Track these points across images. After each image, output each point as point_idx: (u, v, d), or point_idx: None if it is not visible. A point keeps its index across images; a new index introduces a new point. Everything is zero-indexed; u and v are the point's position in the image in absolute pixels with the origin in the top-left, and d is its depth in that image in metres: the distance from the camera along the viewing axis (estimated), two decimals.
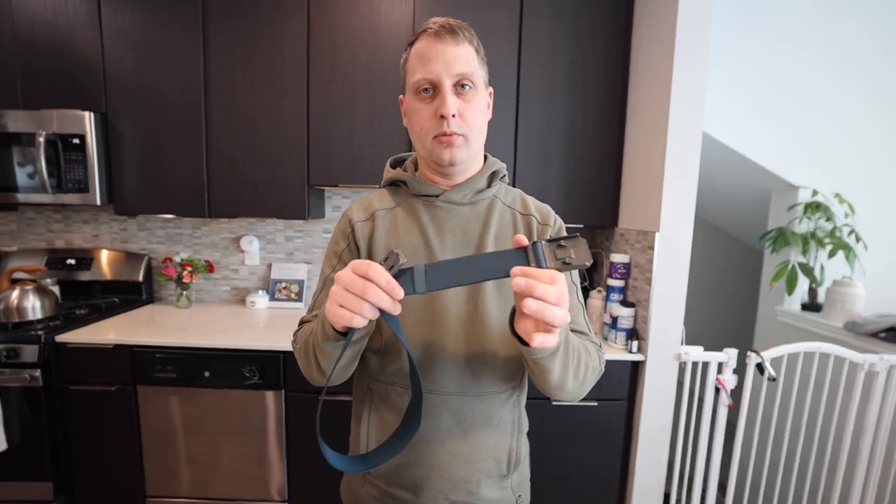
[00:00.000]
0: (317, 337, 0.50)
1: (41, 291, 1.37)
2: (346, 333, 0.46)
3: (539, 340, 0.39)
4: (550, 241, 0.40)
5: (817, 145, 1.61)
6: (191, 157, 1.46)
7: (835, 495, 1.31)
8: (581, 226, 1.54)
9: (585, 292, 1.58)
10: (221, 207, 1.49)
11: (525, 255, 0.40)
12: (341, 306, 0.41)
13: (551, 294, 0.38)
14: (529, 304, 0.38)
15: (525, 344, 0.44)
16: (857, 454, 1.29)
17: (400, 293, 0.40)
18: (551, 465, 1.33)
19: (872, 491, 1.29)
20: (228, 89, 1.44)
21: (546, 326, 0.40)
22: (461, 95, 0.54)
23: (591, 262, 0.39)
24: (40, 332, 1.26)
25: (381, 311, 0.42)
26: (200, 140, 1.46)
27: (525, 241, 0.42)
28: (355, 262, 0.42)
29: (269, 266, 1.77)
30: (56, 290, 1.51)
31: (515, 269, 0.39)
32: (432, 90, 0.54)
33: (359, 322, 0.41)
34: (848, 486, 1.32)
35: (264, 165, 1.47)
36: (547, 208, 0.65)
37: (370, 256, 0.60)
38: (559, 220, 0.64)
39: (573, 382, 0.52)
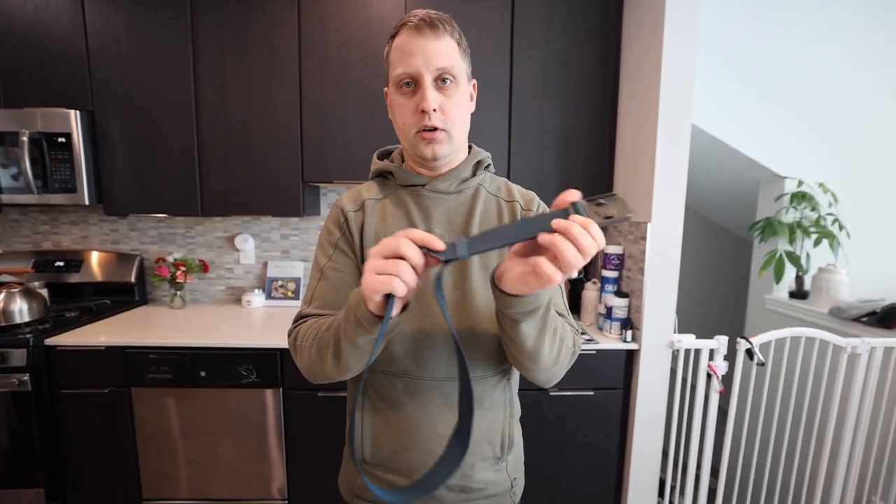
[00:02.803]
0: (344, 330, 0.47)
1: (28, 294, 1.34)
2: (380, 316, 0.42)
3: (546, 270, 0.38)
4: (589, 199, 0.40)
5: (803, 136, 1.65)
6: (182, 155, 1.44)
7: (821, 470, 1.36)
8: None
9: (581, 283, 1.60)
10: (215, 206, 1.47)
11: (567, 215, 0.40)
12: (378, 273, 0.39)
13: (583, 239, 0.37)
14: (555, 238, 0.37)
15: (507, 295, 0.43)
16: (842, 431, 1.33)
17: (439, 244, 0.40)
18: (549, 455, 1.35)
19: (857, 464, 1.34)
20: (219, 85, 1.41)
21: (550, 267, 0.38)
22: (442, 90, 0.54)
23: (633, 213, 0.39)
24: (28, 336, 1.23)
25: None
26: (192, 137, 1.43)
27: (571, 198, 0.40)
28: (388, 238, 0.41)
29: (265, 264, 1.75)
30: (44, 292, 1.47)
31: (557, 222, 0.38)
32: (413, 84, 0.54)
33: (398, 286, 0.39)
34: (834, 460, 1.36)
35: (258, 162, 1.45)
36: (531, 194, 0.65)
37: (362, 246, 0.60)
38: (542, 205, 0.65)
39: (548, 352, 0.51)
